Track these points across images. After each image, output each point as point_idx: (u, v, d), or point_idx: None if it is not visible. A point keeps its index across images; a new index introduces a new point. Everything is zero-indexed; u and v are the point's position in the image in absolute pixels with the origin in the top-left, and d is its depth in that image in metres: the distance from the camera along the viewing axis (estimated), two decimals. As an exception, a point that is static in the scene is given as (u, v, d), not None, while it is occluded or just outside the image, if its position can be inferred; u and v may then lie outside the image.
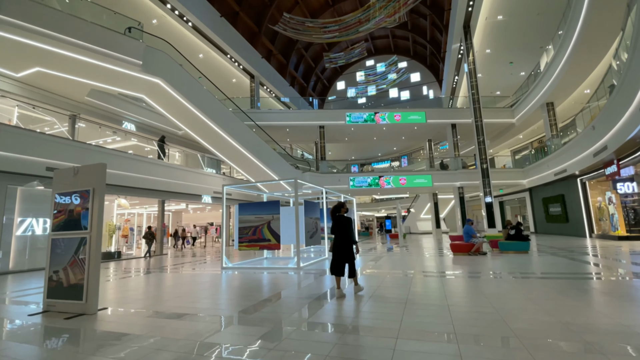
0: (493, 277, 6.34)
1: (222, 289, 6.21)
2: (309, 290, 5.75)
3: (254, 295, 5.42)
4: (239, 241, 9.14)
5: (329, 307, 4.44)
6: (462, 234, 10.60)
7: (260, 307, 4.57)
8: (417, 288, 5.43)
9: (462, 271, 7.14)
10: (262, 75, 25.87)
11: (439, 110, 23.08)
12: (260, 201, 9.17)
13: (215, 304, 4.94)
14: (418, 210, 29.78)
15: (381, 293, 5.17)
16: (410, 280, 6.22)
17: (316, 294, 5.33)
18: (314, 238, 9.74)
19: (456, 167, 21.87)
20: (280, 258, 11.06)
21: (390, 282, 6.17)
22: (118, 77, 13.65)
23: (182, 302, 5.06)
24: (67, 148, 12.20)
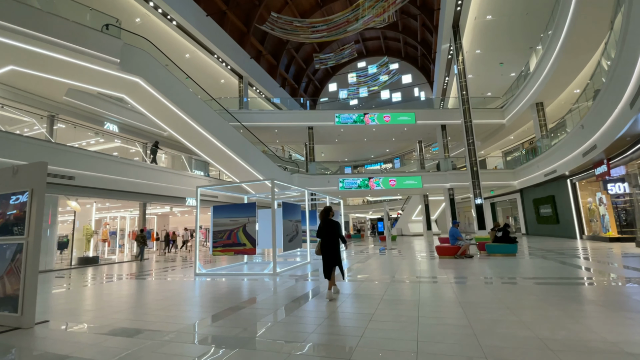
0: (475, 282, 5.96)
1: (185, 299, 5.76)
2: (275, 301, 5.32)
3: (215, 306, 4.98)
4: (213, 246, 8.67)
5: (287, 321, 4.02)
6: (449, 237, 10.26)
7: (222, 316, 4.13)
8: (390, 297, 5.03)
9: (444, 276, 6.75)
10: (251, 75, 25.45)
11: (429, 111, 22.85)
12: (236, 203, 8.72)
13: (170, 317, 4.49)
14: (409, 212, 29.48)
15: (350, 303, 4.76)
16: (386, 287, 5.82)
17: (281, 305, 4.91)
18: (294, 242, 9.31)
19: (446, 169, 21.60)
20: (263, 263, 10.62)
21: (365, 289, 5.76)
22: (95, 76, 13.15)
23: (137, 314, 4.60)
24: (40, 149, 11.63)
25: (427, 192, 24.59)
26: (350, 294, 5.40)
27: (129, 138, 19.63)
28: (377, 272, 7.77)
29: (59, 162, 12.01)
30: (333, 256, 5.16)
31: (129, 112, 18.27)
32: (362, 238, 27.36)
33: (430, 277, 6.70)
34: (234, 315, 4.30)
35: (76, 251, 14.09)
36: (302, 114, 21.37)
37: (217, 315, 4.35)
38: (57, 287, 7.55)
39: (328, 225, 5.28)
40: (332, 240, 5.21)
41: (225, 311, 4.54)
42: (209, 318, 4.20)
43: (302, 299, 5.18)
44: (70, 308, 5.22)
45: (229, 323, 3.95)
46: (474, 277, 6.48)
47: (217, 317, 4.25)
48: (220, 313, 4.45)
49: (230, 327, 3.75)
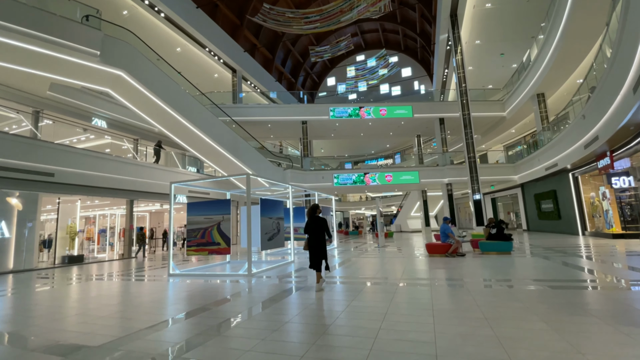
0: (459, 285, 5.43)
1: (142, 303, 5.28)
2: (233, 308, 4.83)
3: (162, 313, 4.50)
4: (187, 245, 8.21)
5: (230, 334, 3.52)
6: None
7: (160, 327, 3.65)
8: (359, 302, 4.52)
9: (427, 277, 6.23)
10: (245, 69, 24.89)
11: (427, 104, 22.17)
12: (211, 200, 8.23)
13: (106, 327, 4.01)
14: (408, 208, 28.89)
15: (313, 309, 4.26)
16: (360, 290, 5.31)
17: (236, 312, 4.41)
18: (275, 240, 8.82)
19: (444, 163, 20.98)
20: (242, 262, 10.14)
21: (336, 293, 5.26)
22: (76, 69, 12.69)
23: (73, 323, 4.13)
24: (16, 145, 11.19)
25: (424, 187, 24.00)
26: (320, 297, 4.90)
27: (118, 134, 19.19)
28: (357, 274, 7.26)
29: (36, 159, 11.59)
30: (320, 250, 5.59)
31: (117, 107, 17.81)
32: (360, 235, 26.85)
33: (411, 279, 6.17)
34: (175, 327, 3.82)
35: (60, 250, 13.73)
36: (296, 108, 20.81)
37: (155, 327, 3.87)
38: (19, 288, 7.13)
39: (315, 221, 5.68)
40: (319, 236, 5.63)
41: (172, 320, 4.06)
42: (147, 329, 3.72)
43: (269, 305, 4.68)
44: (6, 314, 4.77)
45: (164, 336, 3.46)
46: (459, 279, 5.94)
47: (155, 328, 3.77)
48: (161, 324, 3.96)
49: (161, 342, 3.27)
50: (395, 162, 37.82)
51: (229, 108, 20.23)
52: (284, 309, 4.38)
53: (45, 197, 13.90)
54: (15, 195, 11.85)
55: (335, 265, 8.70)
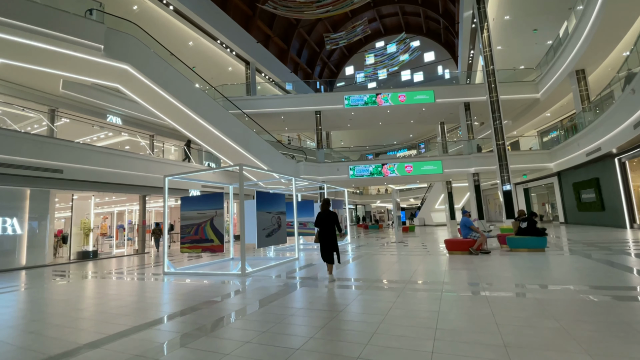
0: (477, 293, 4.47)
1: (120, 305, 4.76)
2: (200, 316, 4.16)
3: (129, 320, 3.92)
4: (182, 242, 7.72)
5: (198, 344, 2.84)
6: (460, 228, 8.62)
7: (114, 338, 3.04)
8: (347, 315, 3.71)
9: (440, 281, 5.29)
10: (259, 61, 24.33)
11: (450, 88, 20.56)
12: (204, 194, 7.67)
13: (80, 330, 3.46)
14: (432, 200, 27.42)
15: (293, 318, 3.51)
16: (354, 299, 4.49)
17: (202, 323, 3.74)
18: (275, 236, 8.14)
19: (470, 151, 19.43)
20: (253, 259, 9.57)
21: (326, 300, 4.48)
22: (82, 65, 12.61)
23: (36, 327, 3.64)
24: (24, 142, 11.22)
25: (449, 178, 22.51)
26: (311, 300, 4.15)
27: (133, 130, 19.28)
28: (359, 275, 6.42)
29: (44, 155, 11.60)
30: (331, 243, 5.78)
31: (130, 103, 17.77)
32: (381, 229, 25.78)
33: (420, 283, 5.26)
34: (128, 341, 3.20)
35: (76, 246, 13.90)
36: (309, 98, 19.96)
37: (111, 337, 3.26)
38: (11, 286, 6.92)
39: (326, 216, 5.84)
40: (331, 229, 5.80)
41: (130, 330, 3.45)
42: (115, 335, 3.12)
43: (242, 314, 3.98)
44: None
45: (118, 347, 2.84)
46: (478, 285, 4.97)
47: (110, 339, 3.17)
48: (115, 335, 3.36)
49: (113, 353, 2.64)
50: (420, 152, 36.12)
51: (239, 100, 19.75)
52: (253, 322, 3.66)
53: (59, 194, 14.10)
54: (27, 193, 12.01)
55: (341, 263, 7.91)
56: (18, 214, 11.47)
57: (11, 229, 11.26)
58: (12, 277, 8.77)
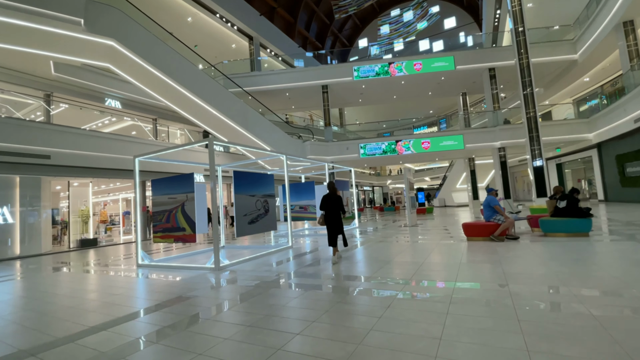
0: (499, 300, 3.19)
1: (62, 307, 3.84)
2: (138, 326, 3.12)
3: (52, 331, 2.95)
4: (154, 230, 6.79)
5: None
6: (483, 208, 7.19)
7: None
8: (315, 330, 2.55)
9: (451, 279, 4.01)
10: (263, 36, 22.82)
11: (472, 53, 18.35)
12: (174, 175, 6.63)
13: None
14: (453, 179, 25.56)
15: (233, 343, 2.39)
16: (332, 306, 3.31)
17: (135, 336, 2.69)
18: (260, 223, 7.03)
19: (495, 124, 17.44)
20: (251, 248, 8.60)
21: (299, 306, 3.33)
22: (65, 43, 11.82)
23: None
24: (5, 127, 10.61)
25: (471, 154, 20.60)
26: (283, 304, 3.03)
27: (134, 114, 18.61)
28: (357, 268, 5.23)
29: (30, 141, 10.97)
30: (337, 226, 5.81)
31: (128, 85, 16.99)
32: (397, 211, 24.34)
33: (426, 285, 4.00)
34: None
35: (77, 233, 13.53)
36: (315, 71, 18.40)
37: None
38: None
39: (333, 199, 5.83)
40: (337, 213, 5.82)
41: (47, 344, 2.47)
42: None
43: (194, 322, 2.91)
44: None
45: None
46: (501, 285, 3.65)
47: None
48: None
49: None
50: (441, 129, 33.81)
51: (240, 78, 18.50)
52: (205, 329, 2.56)
53: (55, 182, 13.66)
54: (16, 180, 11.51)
55: (345, 247, 6.76)
56: (8, 203, 11.02)
57: (2, 218, 10.84)
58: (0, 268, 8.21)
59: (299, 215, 10.64)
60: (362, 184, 35.60)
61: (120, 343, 2.72)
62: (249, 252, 7.51)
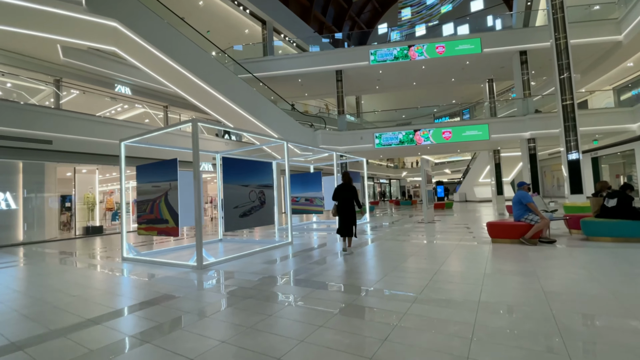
0: (542, 334, 2.29)
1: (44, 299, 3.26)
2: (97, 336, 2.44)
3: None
4: (138, 222, 6.18)
5: None
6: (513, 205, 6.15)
7: None
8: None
9: (472, 299, 3.12)
10: (277, 20, 21.90)
11: (501, 34, 16.76)
12: (158, 161, 5.96)
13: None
14: (475, 173, 24.06)
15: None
16: (306, 335, 2.50)
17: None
18: (255, 216, 6.29)
19: (525, 112, 15.92)
20: (263, 243, 7.94)
21: (279, 323, 2.55)
22: (68, 24, 11.50)
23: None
24: (5, 111, 10.33)
25: (497, 146, 19.11)
26: (249, 326, 2.27)
27: (143, 100, 18.30)
28: (354, 276, 4.39)
29: (31, 125, 10.67)
30: (350, 217, 5.71)
31: (137, 71, 16.61)
32: (414, 205, 23.17)
33: (435, 306, 3.12)
34: None
35: (82, 220, 13.36)
36: (328, 55, 17.34)
37: None
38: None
39: (347, 189, 5.76)
40: (351, 203, 5.73)
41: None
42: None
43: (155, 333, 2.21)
44: None
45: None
46: (542, 312, 2.73)
47: None
48: None
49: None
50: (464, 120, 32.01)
51: (250, 63, 17.74)
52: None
53: (60, 168, 13.47)
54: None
55: (342, 253, 5.95)
56: (11, 188, 10.82)
57: (4, 204, 10.65)
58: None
59: (304, 208, 9.86)
60: (378, 177, 34.45)
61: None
62: (247, 246, 6.84)
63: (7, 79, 14.45)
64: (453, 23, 28.72)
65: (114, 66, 16.03)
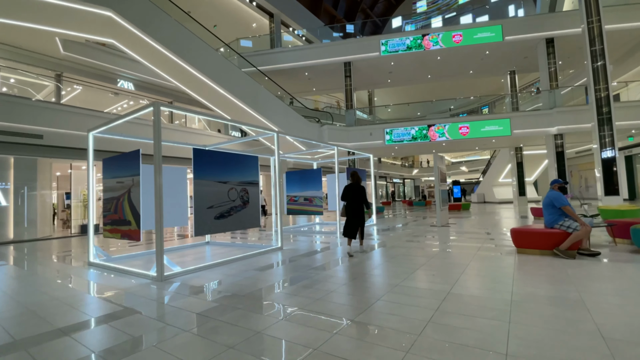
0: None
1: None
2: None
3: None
4: (104, 222, 5.44)
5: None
6: (543, 208, 5.06)
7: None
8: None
9: (496, 348, 2.15)
10: (284, 12, 21.09)
11: (525, 20, 15.32)
12: (124, 153, 5.19)
13: None
14: (495, 172, 22.56)
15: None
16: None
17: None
18: (234, 218, 5.43)
19: (552, 106, 14.50)
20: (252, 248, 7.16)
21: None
22: (62, 14, 11.07)
23: None
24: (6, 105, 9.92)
25: (519, 143, 17.66)
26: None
27: (146, 96, 17.89)
28: (346, 295, 3.46)
29: (19, 119, 10.21)
30: (359, 219, 5.59)
31: (139, 66, 16.17)
32: (428, 206, 21.90)
33: (433, 358, 2.16)
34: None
35: (77, 218, 12.93)
36: (336, 46, 16.33)
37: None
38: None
39: (357, 189, 5.63)
40: (360, 205, 5.62)
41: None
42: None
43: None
44: None
45: None
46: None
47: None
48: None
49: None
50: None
51: (254, 56, 16.97)
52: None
53: (56, 164, 13.07)
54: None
55: (342, 260, 5.02)
56: (1, 185, 10.42)
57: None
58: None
59: (302, 208, 8.96)
60: (391, 176, 33.17)
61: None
62: (233, 251, 6.03)
63: (7, 73, 14.21)
64: (471, 14, 27.19)
65: (115, 60, 15.64)
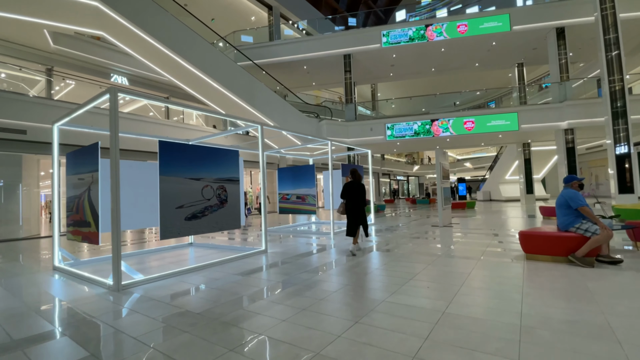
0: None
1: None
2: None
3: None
4: (67, 223, 4.95)
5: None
6: (556, 208, 4.46)
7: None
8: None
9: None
10: (284, 4, 20.48)
11: (534, 8, 14.55)
12: (85, 146, 4.68)
13: None
14: (502, 169, 21.81)
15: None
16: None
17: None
18: (209, 218, 4.89)
19: (562, 99, 13.76)
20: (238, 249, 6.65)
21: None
22: (47, 4, 10.63)
23: None
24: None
25: (527, 138, 16.92)
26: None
27: (142, 91, 17.41)
28: (325, 315, 2.91)
29: (2, 114, 9.78)
30: (361, 217, 5.48)
31: (134, 60, 15.70)
32: (432, 204, 21.23)
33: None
34: None
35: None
36: (335, 38, 15.67)
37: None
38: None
39: (357, 187, 5.54)
40: (361, 203, 5.52)
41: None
42: None
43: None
44: None
45: None
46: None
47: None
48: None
49: None
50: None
51: (250, 49, 16.41)
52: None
53: (43, 160, 12.67)
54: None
55: (327, 266, 4.47)
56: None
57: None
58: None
59: (295, 207, 8.41)
60: (395, 173, 32.50)
61: None
62: (216, 254, 5.53)
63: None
64: (478, 7, 26.31)
65: (108, 54, 15.23)
